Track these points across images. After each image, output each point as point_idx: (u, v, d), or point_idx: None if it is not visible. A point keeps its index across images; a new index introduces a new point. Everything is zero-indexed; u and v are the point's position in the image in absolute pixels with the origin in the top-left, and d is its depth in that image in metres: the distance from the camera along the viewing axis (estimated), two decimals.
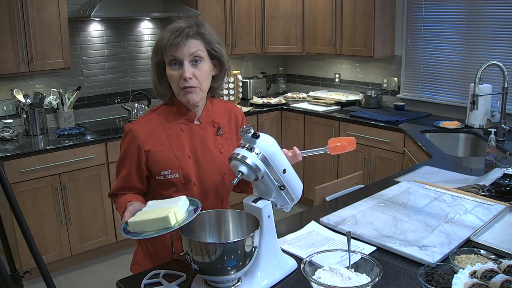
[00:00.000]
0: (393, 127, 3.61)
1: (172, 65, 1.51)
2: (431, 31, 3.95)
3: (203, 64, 1.53)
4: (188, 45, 1.49)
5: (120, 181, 1.59)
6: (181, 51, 1.49)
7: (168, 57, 1.51)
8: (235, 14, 4.41)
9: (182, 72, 1.49)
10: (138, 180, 1.58)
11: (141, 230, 1.30)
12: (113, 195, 1.63)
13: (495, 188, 2.03)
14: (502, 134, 3.05)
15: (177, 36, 1.48)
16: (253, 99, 4.66)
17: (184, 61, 1.49)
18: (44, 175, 3.25)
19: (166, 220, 1.26)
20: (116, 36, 4.08)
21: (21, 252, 3.20)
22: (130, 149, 1.55)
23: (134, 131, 1.55)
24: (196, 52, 1.51)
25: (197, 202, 1.38)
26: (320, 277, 1.23)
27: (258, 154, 1.31)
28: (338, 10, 4.20)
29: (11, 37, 3.23)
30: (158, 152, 1.55)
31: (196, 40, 1.51)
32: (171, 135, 1.57)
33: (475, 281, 1.21)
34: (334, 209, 1.89)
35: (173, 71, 1.51)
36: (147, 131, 1.56)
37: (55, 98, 3.72)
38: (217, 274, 1.24)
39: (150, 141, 1.55)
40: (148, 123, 1.58)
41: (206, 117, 1.63)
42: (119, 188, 1.60)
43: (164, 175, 1.55)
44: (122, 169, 1.59)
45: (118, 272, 3.44)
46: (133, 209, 1.40)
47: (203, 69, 1.53)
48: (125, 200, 1.53)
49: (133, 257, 1.74)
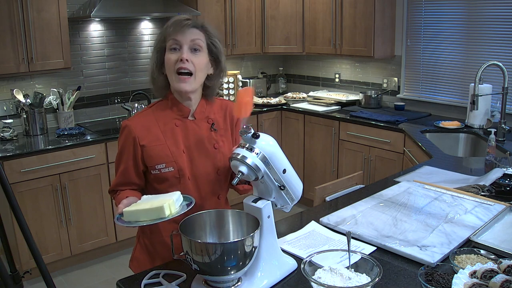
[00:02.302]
0: (393, 127, 3.61)
1: (172, 50, 1.56)
2: (431, 31, 3.95)
3: (201, 54, 1.58)
4: (190, 32, 1.56)
5: (119, 177, 1.63)
6: (183, 35, 1.54)
7: (170, 42, 1.56)
8: (235, 14, 4.41)
9: (180, 54, 1.54)
10: (136, 174, 1.62)
11: (135, 220, 1.35)
12: (113, 192, 1.67)
13: (495, 188, 2.03)
14: (502, 134, 3.05)
15: (181, 22, 1.55)
16: (253, 99, 4.65)
17: (184, 45, 1.54)
18: (44, 175, 3.25)
19: (160, 210, 1.32)
20: (116, 36, 4.08)
21: (21, 252, 3.20)
22: (126, 144, 1.60)
23: (130, 127, 1.59)
24: (197, 40, 1.56)
25: (190, 198, 1.44)
26: (320, 277, 1.23)
27: (258, 154, 1.31)
28: (338, 10, 4.20)
29: (11, 37, 3.23)
30: (153, 147, 1.58)
31: (198, 30, 1.58)
32: (166, 130, 1.60)
33: (475, 281, 1.21)
34: (334, 209, 1.89)
35: (171, 55, 1.55)
36: (143, 126, 1.60)
37: (55, 98, 3.72)
38: (217, 274, 1.24)
39: (145, 136, 1.58)
40: (144, 119, 1.62)
41: (201, 113, 1.65)
42: (118, 183, 1.64)
43: (159, 169, 1.58)
44: (120, 165, 1.63)
45: (118, 272, 3.44)
46: (128, 202, 1.45)
47: (200, 58, 1.57)
48: (123, 196, 1.57)
49: (132, 254, 1.77)
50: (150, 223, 1.33)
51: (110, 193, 1.68)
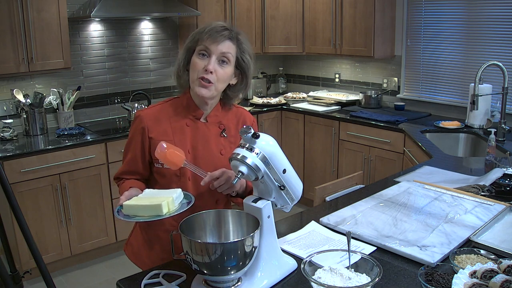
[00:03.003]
0: (393, 127, 3.61)
1: (200, 55, 1.57)
2: (431, 31, 3.95)
3: (227, 66, 1.58)
4: (223, 44, 1.56)
5: (126, 165, 1.68)
6: (216, 46, 1.55)
7: (201, 46, 1.56)
8: (235, 14, 4.41)
9: (207, 64, 1.54)
10: (142, 164, 1.66)
11: (133, 214, 1.39)
12: (118, 179, 1.71)
13: (495, 188, 2.03)
14: (502, 134, 3.05)
15: (218, 31, 1.55)
16: (253, 99, 4.66)
17: (213, 56, 1.55)
18: (44, 175, 3.25)
19: (158, 208, 1.36)
20: (116, 36, 4.08)
21: (21, 252, 3.19)
22: (136, 133, 1.64)
23: (142, 117, 1.62)
24: (227, 54, 1.57)
25: (190, 197, 1.47)
26: (320, 277, 1.23)
27: (258, 154, 1.31)
28: (338, 10, 4.20)
29: (11, 37, 3.23)
30: (160, 141, 1.58)
31: (232, 43, 1.58)
32: (176, 128, 1.63)
33: (475, 281, 1.21)
34: (334, 209, 1.89)
35: (199, 60, 1.56)
36: (154, 119, 1.63)
37: (55, 98, 3.72)
38: (217, 274, 1.24)
39: (155, 129, 1.62)
40: (157, 112, 1.65)
41: (214, 117, 1.67)
42: (124, 171, 1.68)
43: (162, 163, 1.60)
44: (128, 153, 1.67)
45: (118, 272, 3.44)
46: (129, 194, 1.48)
47: (225, 71, 1.58)
48: (126, 185, 1.60)
49: (128, 238, 1.83)
50: (147, 219, 1.37)
51: (115, 179, 1.72)
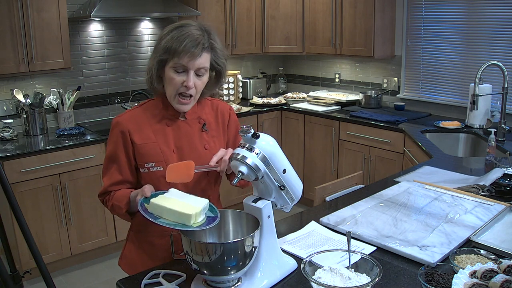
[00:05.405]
0: (393, 127, 3.61)
1: (176, 73, 1.52)
2: (431, 31, 3.95)
3: (205, 76, 1.56)
4: (200, 58, 1.50)
5: (111, 177, 1.58)
6: (193, 62, 1.49)
7: (177, 63, 1.50)
8: (235, 14, 4.41)
9: (186, 80, 1.51)
10: (130, 171, 1.59)
11: (158, 214, 1.31)
12: (105, 194, 1.60)
13: (495, 188, 2.03)
14: (502, 134, 3.05)
15: (193, 46, 1.48)
16: (253, 99, 4.66)
17: (190, 71, 1.51)
18: (44, 175, 3.25)
19: (187, 217, 1.26)
20: (116, 36, 4.08)
21: (21, 252, 3.20)
22: (118, 140, 1.57)
23: (121, 122, 1.57)
24: (204, 65, 1.53)
25: (216, 211, 1.36)
26: (320, 277, 1.23)
27: (258, 154, 1.31)
28: (338, 10, 4.20)
29: (11, 37, 3.23)
30: (144, 145, 1.57)
31: (207, 53, 1.53)
32: (157, 130, 1.59)
33: (475, 281, 1.21)
34: (334, 209, 1.89)
35: (176, 76, 1.51)
36: (135, 123, 1.58)
37: (55, 98, 3.72)
38: (217, 274, 1.24)
39: (137, 133, 1.57)
40: (136, 117, 1.60)
41: (192, 113, 1.64)
42: (111, 184, 1.58)
43: (148, 167, 1.57)
44: (112, 164, 1.58)
45: (118, 272, 3.40)
46: (150, 188, 1.41)
47: (203, 80, 1.56)
48: (124, 192, 1.54)
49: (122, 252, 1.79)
50: (173, 226, 1.26)
51: (101, 196, 1.61)
